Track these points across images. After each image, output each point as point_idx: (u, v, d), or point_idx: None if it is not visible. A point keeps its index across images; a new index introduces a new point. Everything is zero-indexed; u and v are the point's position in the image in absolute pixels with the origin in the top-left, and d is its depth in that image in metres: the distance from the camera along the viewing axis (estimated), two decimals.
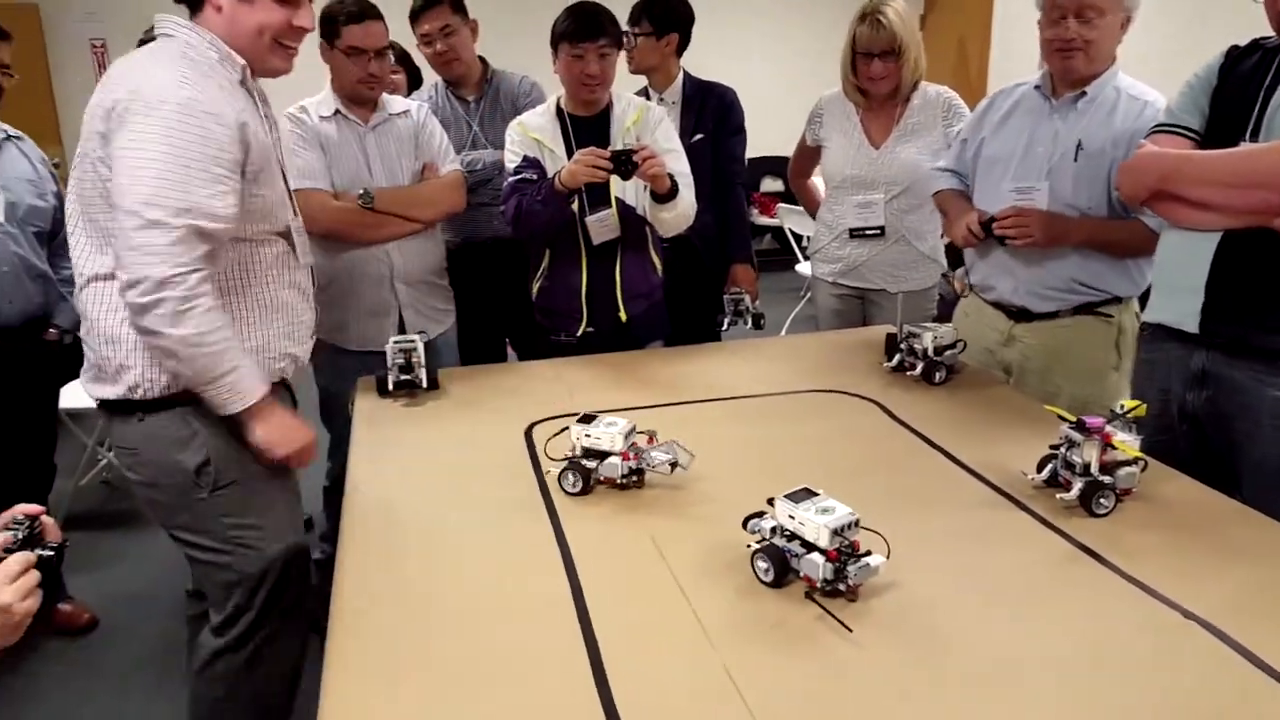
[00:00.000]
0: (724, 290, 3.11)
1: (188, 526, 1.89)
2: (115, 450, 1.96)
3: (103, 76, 1.77)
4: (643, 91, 3.16)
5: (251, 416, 1.81)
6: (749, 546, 1.44)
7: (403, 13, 2.97)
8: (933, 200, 2.76)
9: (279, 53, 1.85)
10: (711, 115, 3.10)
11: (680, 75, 3.15)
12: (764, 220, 7.00)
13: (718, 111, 3.11)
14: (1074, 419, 1.63)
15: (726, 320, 3.05)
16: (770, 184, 7.72)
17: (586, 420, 1.75)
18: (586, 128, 2.59)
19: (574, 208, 2.51)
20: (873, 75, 2.87)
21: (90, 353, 1.86)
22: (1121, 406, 1.66)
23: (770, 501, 1.43)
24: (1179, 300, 1.97)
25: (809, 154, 3.20)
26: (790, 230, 6.32)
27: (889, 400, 2.16)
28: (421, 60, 3.26)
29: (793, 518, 1.37)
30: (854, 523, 1.36)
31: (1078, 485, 1.60)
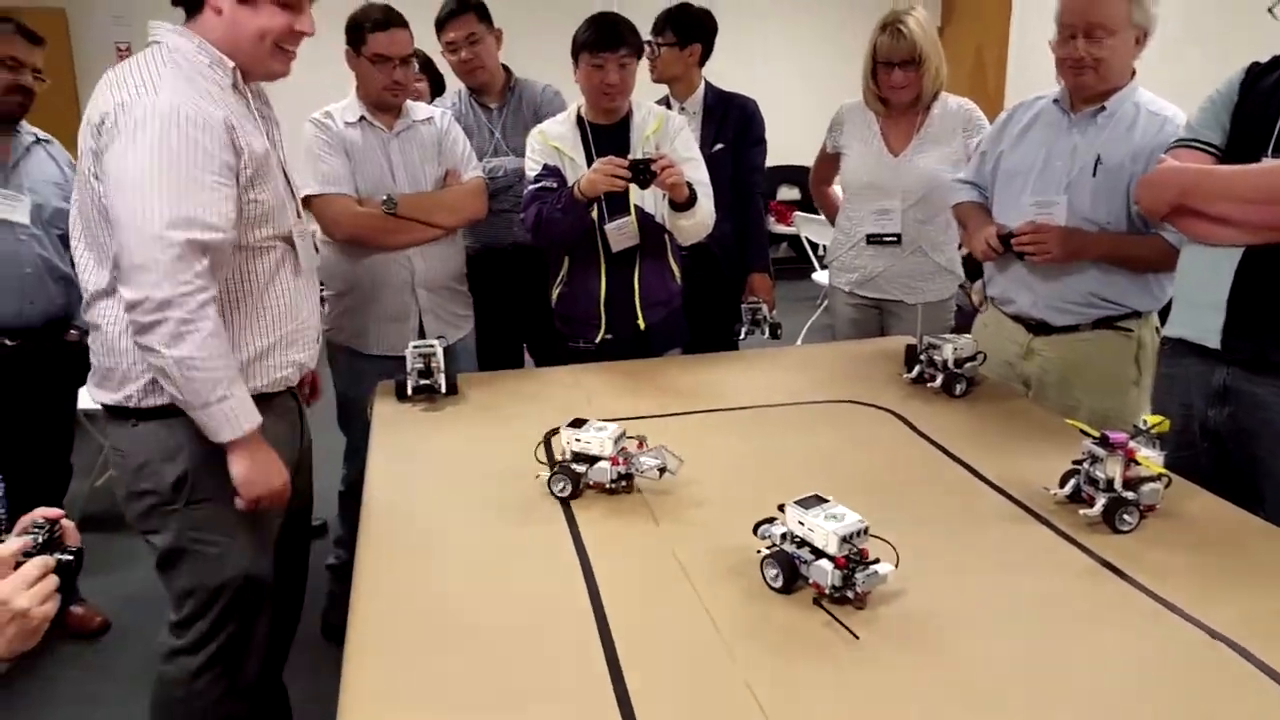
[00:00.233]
0: (742, 299, 3.11)
1: (155, 530, 1.90)
2: (108, 448, 1.98)
3: (95, 89, 1.76)
4: (664, 100, 3.18)
5: (236, 449, 1.80)
6: (759, 552, 1.45)
7: (428, 19, 2.98)
8: (951, 212, 2.75)
9: (279, 56, 1.84)
10: (732, 125, 3.11)
11: (702, 85, 3.17)
12: (780, 228, 7.00)
13: (739, 122, 3.12)
14: (1097, 434, 1.62)
15: (744, 329, 3.05)
16: (787, 192, 7.71)
17: (576, 425, 1.76)
18: (606, 136, 2.60)
19: (593, 215, 2.52)
20: (893, 84, 2.88)
21: (95, 360, 1.88)
22: (1145, 422, 1.65)
23: (781, 507, 1.44)
24: (1201, 316, 1.96)
25: (830, 161, 3.21)
26: (807, 239, 6.31)
27: (909, 412, 2.16)
28: (444, 66, 3.28)
29: (802, 523, 1.39)
30: (863, 530, 1.37)
31: (1101, 501, 1.59)
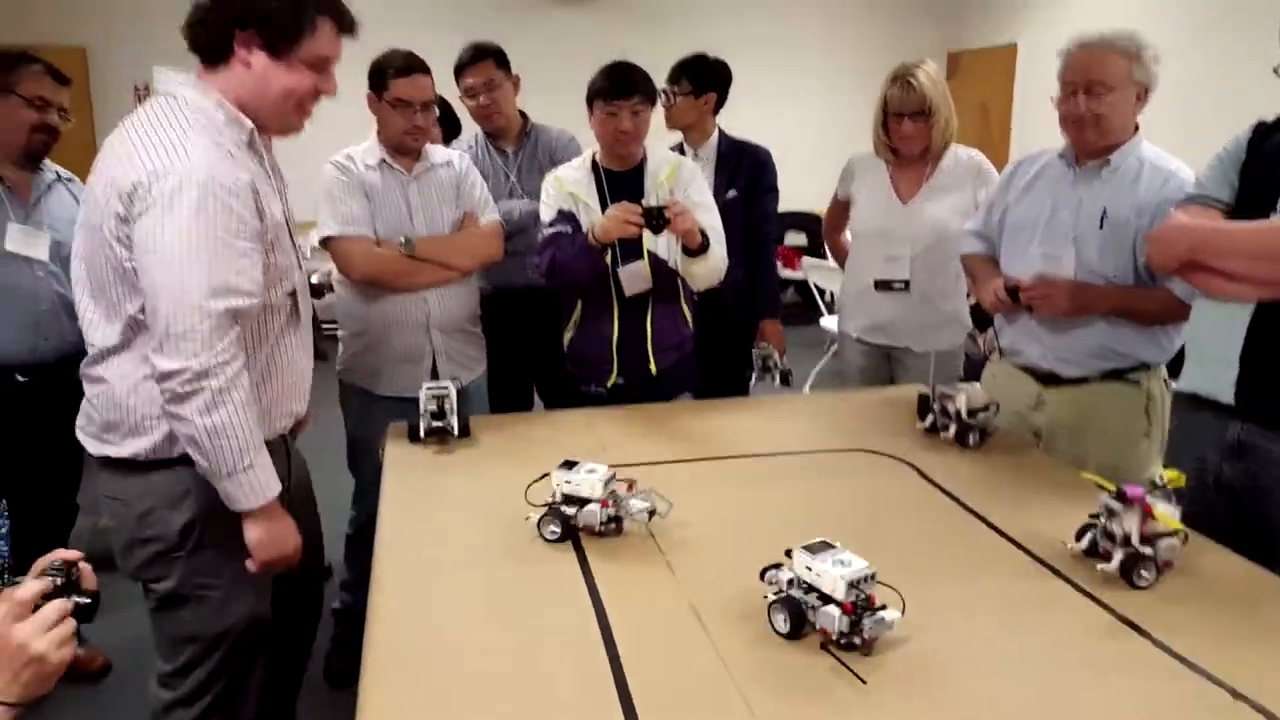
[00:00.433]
0: (753, 345, 3.12)
1: (158, 578, 1.87)
2: (102, 499, 1.92)
3: (109, 144, 1.75)
4: (678, 147, 3.21)
5: (254, 515, 1.80)
6: (766, 598, 1.46)
7: (446, 63, 3.02)
8: (960, 263, 2.78)
9: (299, 114, 1.85)
10: (745, 173, 3.14)
11: (715, 133, 3.21)
12: (788, 274, 7.03)
13: (751, 170, 3.15)
14: (1114, 488, 1.62)
15: (755, 375, 3.06)
16: (794, 238, 7.77)
17: (567, 466, 1.77)
18: (621, 181, 2.62)
19: (607, 259, 2.53)
20: (904, 135, 2.92)
21: (96, 415, 1.85)
22: (1161, 477, 1.64)
23: (788, 553, 1.44)
24: (1214, 371, 1.97)
25: (841, 209, 3.24)
26: (815, 284, 6.34)
27: (922, 462, 2.15)
28: (460, 110, 3.31)
29: (810, 569, 1.39)
30: (870, 576, 1.37)
31: (1118, 556, 1.58)
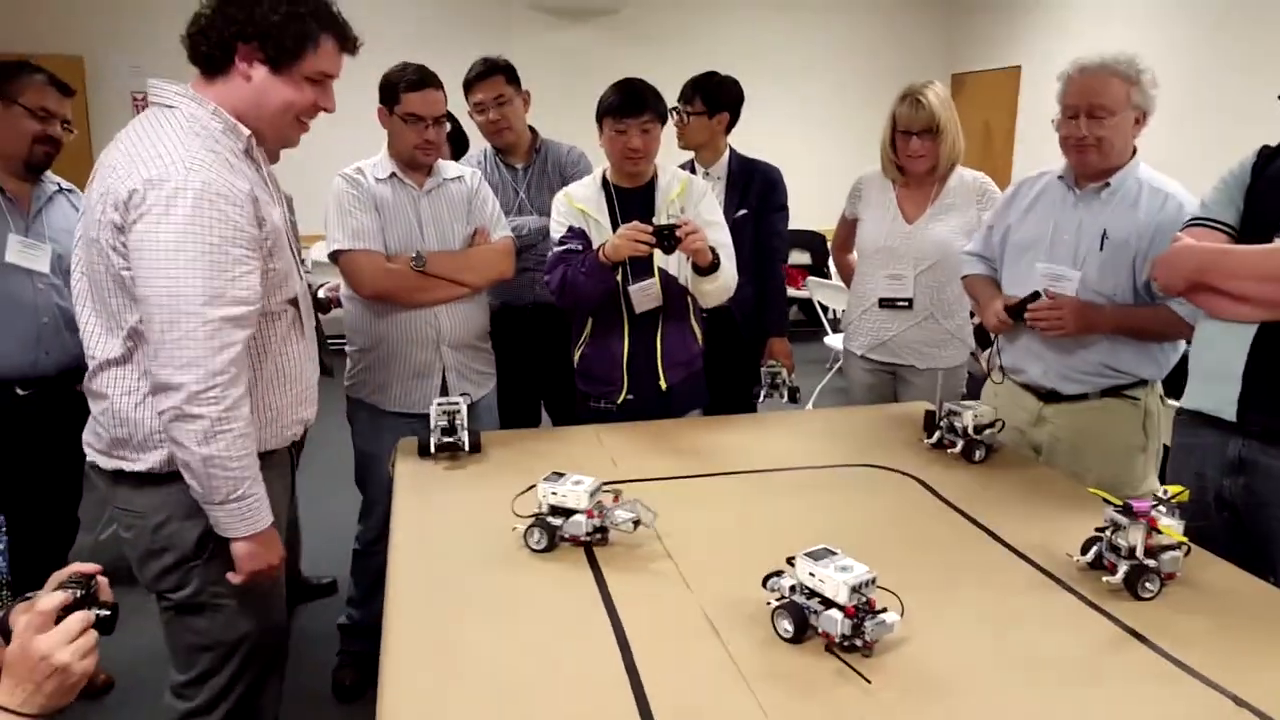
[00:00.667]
0: (761, 362, 3.15)
1: (174, 588, 1.88)
2: (115, 510, 1.92)
3: (106, 155, 1.75)
4: (689, 165, 3.24)
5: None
6: (768, 604, 1.49)
7: (452, 79, 3.03)
8: (961, 284, 2.81)
9: (297, 128, 1.86)
10: (756, 192, 3.17)
11: (726, 152, 3.23)
12: (792, 292, 7.05)
13: (762, 188, 3.18)
14: (1120, 502, 1.65)
15: (763, 392, 3.08)
16: (798, 256, 7.80)
17: (554, 478, 1.80)
18: (631, 199, 2.64)
19: (617, 277, 2.55)
20: (911, 153, 2.95)
21: (104, 431, 1.84)
22: (1165, 491, 1.67)
23: (789, 561, 1.48)
24: (1216, 388, 2.00)
25: (849, 228, 3.27)
26: (819, 302, 6.38)
27: (929, 477, 2.18)
28: (468, 125, 3.31)
29: (813, 574, 1.44)
30: (871, 581, 1.42)
31: (1123, 568, 1.61)
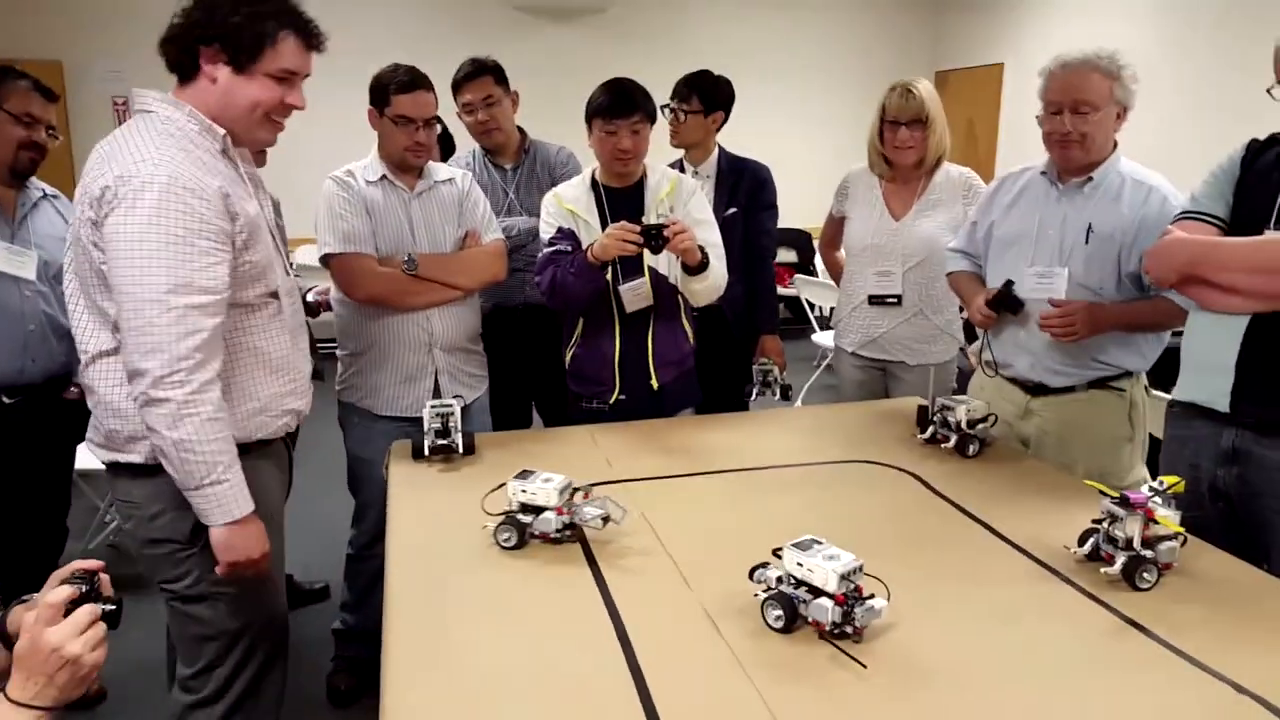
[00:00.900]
0: (753, 360, 3.15)
1: (175, 578, 1.92)
2: (116, 502, 1.99)
3: (89, 159, 1.81)
4: (678, 164, 3.24)
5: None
6: (756, 596, 1.51)
7: (438, 80, 3.01)
8: (947, 281, 2.83)
9: (268, 127, 1.90)
10: (745, 190, 3.18)
11: (716, 150, 3.24)
12: (778, 290, 7.09)
13: (751, 187, 3.19)
14: (1116, 494, 1.66)
15: (755, 390, 3.08)
16: (784, 254, 7.82)
17: (523, 476, 1.81)
18: (621, 199, 2.64)
19: (608, 277, 2.55)
20: (899, 143, 2.96)
21: (99, 424, 1.90)
22: (1161, 482, 1.69)
23: (775, 553, 1.50)
24: (1209, 380, 2.02)
25: (836, 226, 3.28)
26: (806, 300, 6.40)
27: (924, 472, 2.19)
28: (454, 126, 3.29)
29: (801, 564, 1.45)
30: (859, 568, 1.45)
31: (1121, 559, 1.62)
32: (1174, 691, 1.33)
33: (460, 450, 2.29)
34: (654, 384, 2.65)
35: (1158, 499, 1.64)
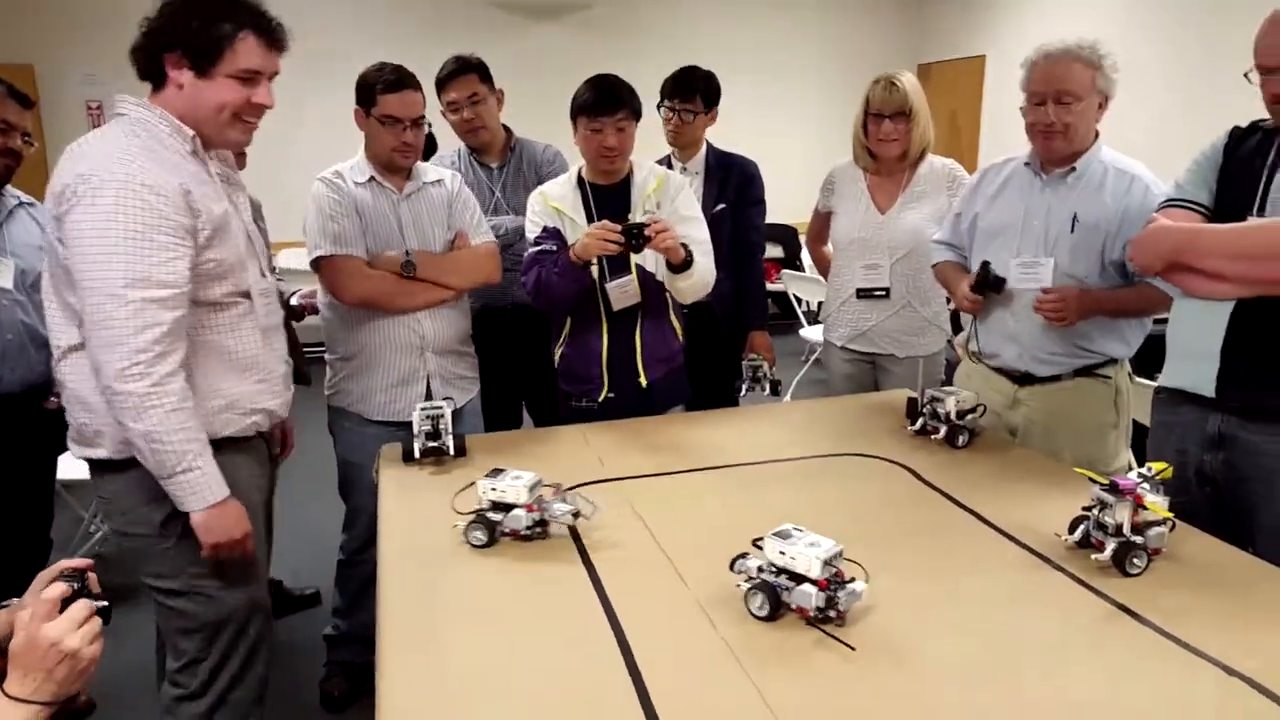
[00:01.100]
0: (742, 356, 3.16)
1: (156, 573, 1.97)
2: (96, 498, 2.02)
3: (60, 160, 1.84)
4: (666, 160, 3.24)
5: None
6: (738, 586, 1.53)
7: (424, 78, 2.99)
8: (932, 273, 2.84)
9: (237, 127, 1.93)
10: (734, 186, 3.18)
11: (704, 146, 3.24)
12: (766, 285, 7.10)
13: (740, 183, 3.19)
14: (1106, 481, 1.67)
15: (745, 386, 3.09)
16: (771, 250, 7.83)
17: (494, 475, 1.83)
18: (607, 196, 2.64)
19: (594, 274, 2.55)
20: (884, 136, 2.97)
21: (71, 418, 1.95)
22: (1150, 469, 1.70)
23: (755, 543, 1.53)
24: (1195, 366, 2.03)
25: (822, 221, 3.29)
26: (793, 295, 6.41)
27: (915, 463, 2.20)
28: (439, 126, 3.25)
29: (783, 553, 1.48)
30: (839, 553, 1.48)
31: (1111, 545, 1.63)
32: (1164, 675, 1.34)
33: (451, 452, 2.28)
34: (642, 381, 2.65)
35: (1146, 485, 1.66)
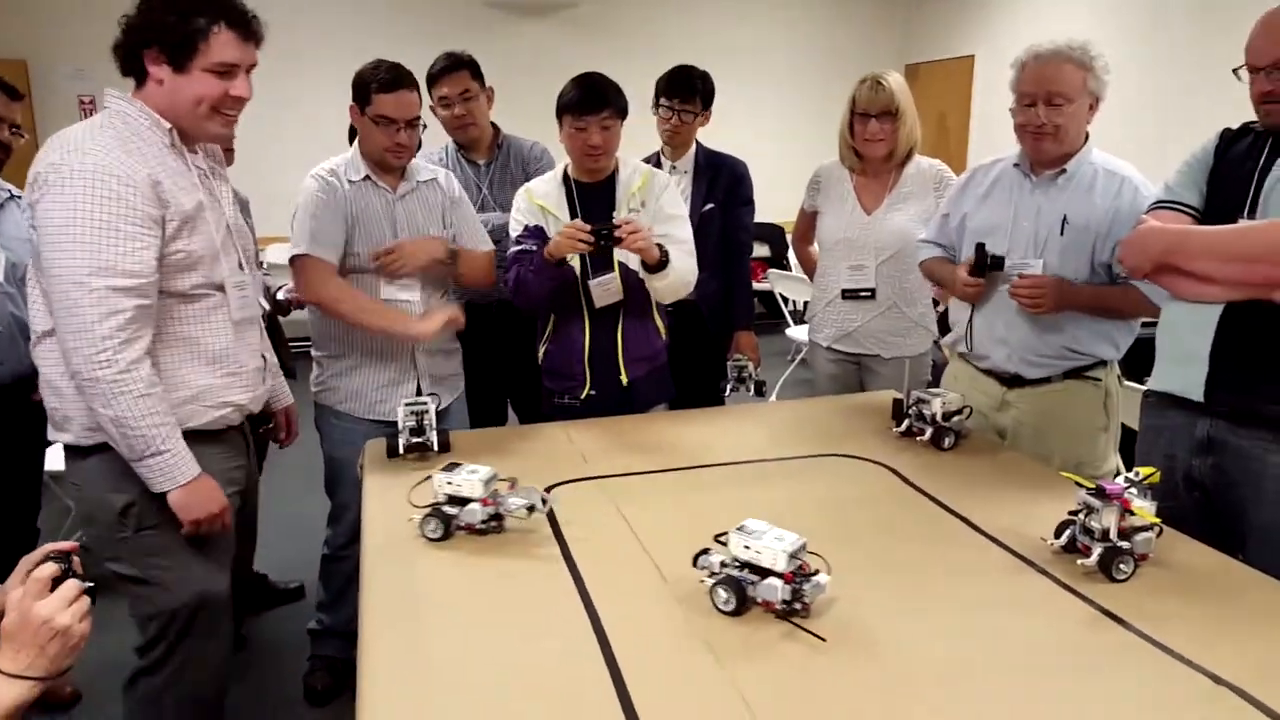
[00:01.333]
0: (727, 356, 3.14)
1: (116, 559, 2.01)
2: (65, 482, 2.07)
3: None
4: (654, 158, 3.22)
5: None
6: (702, 581, 1.54)
7: (417, 74, 2.97)
8: (920, 270, 2.83)
9: (217, 120, 1.95)
10: (723, 186, 3.17)
11: (693, 145, 3.23)
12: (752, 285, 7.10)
13: (729, 183, 3.18)
14: (1093, 485, 1.66)
15: (729, 386, 3.08)
16: (758, 250, 7.83)
17: (449, 469, 1.84)
18: (592, 194, 2.62)
19: (577, 271, 2.54)
20: (870, 136, 2.95)
21: (46, 403, 2.00)
22: (1137, 473, 1.69)
23: (717, 538, 1.55)
24: (1184, 370, 2.03)
25: (808, 220, 3.27)
26: (780, 295, 6.40)
27: (899, 465, 2.19)
28: (425, 120, 3.26)
29: (749, 548, 1.48)
30: (803, 546, 1.49)
31: (1097, 551, 1.62)
32: (1151, 682, 1.33)
33: (435, 448, 2.27)
34: (623, 379, 2.64)
35: (1134, 490, 1.64)
